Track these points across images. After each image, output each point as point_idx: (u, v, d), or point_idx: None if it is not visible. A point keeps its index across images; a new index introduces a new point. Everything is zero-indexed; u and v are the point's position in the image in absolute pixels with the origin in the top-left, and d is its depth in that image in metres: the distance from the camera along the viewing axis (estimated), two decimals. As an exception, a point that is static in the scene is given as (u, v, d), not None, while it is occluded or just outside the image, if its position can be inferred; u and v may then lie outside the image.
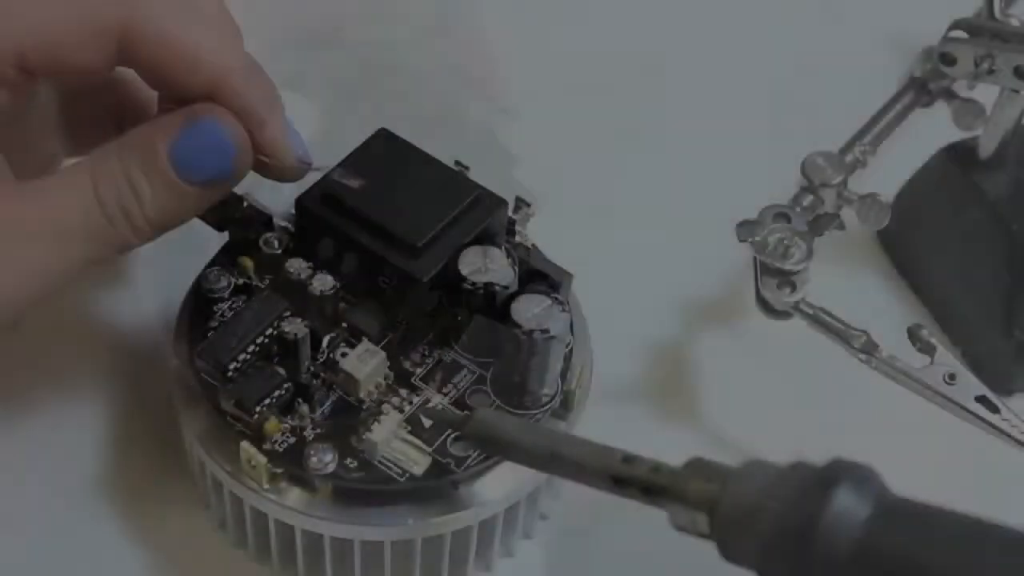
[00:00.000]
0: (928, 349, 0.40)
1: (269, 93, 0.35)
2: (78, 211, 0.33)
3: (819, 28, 0.56)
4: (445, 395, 0.38)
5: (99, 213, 0.33)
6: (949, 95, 0.46)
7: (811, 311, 0.41)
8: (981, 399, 0.39)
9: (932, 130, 0.47)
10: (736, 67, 0.54)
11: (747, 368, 0.45)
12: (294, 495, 0.36)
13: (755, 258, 0.42)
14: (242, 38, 0.34)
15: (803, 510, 0.25)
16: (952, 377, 0.40)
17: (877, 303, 0.48)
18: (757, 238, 0.41)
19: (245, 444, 0.36)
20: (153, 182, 0.34)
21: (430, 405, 0.37)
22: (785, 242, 0.41)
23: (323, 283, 0.37)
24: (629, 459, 0.30)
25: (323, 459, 0.36)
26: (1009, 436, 0.39)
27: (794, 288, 0.41)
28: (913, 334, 0.41)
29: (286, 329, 0.36)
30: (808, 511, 0.25)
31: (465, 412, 0.37)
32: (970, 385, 0.39)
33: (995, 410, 0.39)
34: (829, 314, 0.41)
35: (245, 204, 0.39)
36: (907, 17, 0.55)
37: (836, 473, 0.26)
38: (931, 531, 0.24)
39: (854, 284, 0.48)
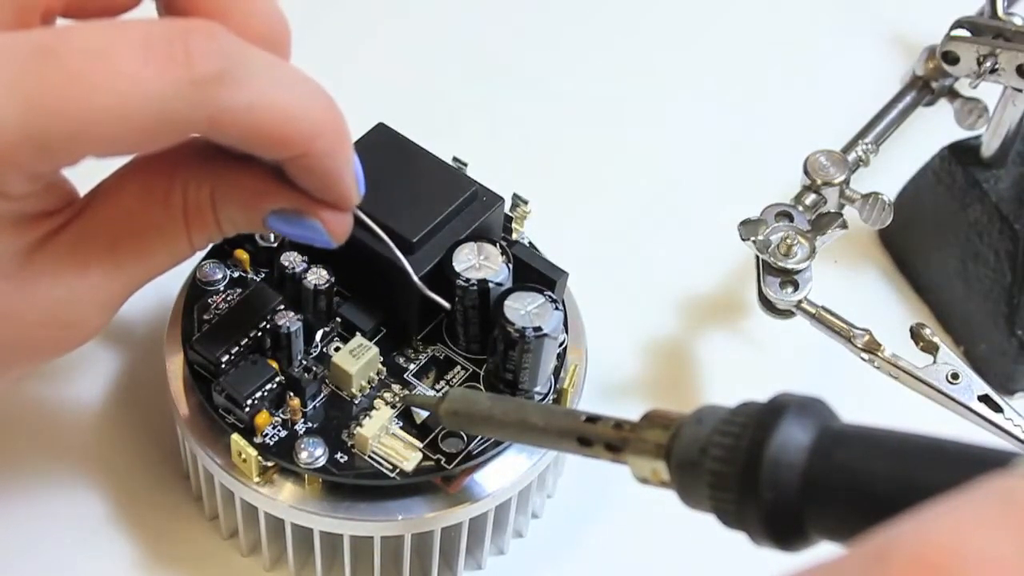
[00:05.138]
0: (930, 348, 0.40)
1: (346, 143, 0.32)
2: (172, 247, 0.32)
3: (822, 26, 0.56)
4: (438, 392, 0.38)
5: (186, 241, 0.32)
6: (952, 94, 0.46)
7: (813, 310, 0.41)
8: (984, 398, 0.39)
9: (934, 129, 0.47)
10: (739, 64, 0.54)
11: (748, 367, 0.45)
12: (284, 488, 0.36)
13: (757, 257, 0.41)
14: (319, 89, 0.31)
15: (748, 442, 0.25)
16: (955, 376, 0.39)
17: (879, 302, 0.48)
18: (759, 237, 0.41)
19: (236, 437, 0.36)
20: (245, 223, 0.33)
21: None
22: (787, 241, 0.41)
23: (318, 277, 0.37)
24: (592, 419, 0.31)
25: (313, 453, 0.36)
26: (1012, 435, 0.39)
27: (796, 287, 0.41)
28: (915, 333, 0.40)
29: (279, 322, 0.36)
30: (752, 443, 0.25)
31: (439, 394, 0.37)
32: (973, 384, 0.39)
33: (998, 409, 0.39)
34: (831, 313, 0.41)
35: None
36: (910, 16, 0.55)
37: (781, 405, 0.26)
38: (873, 449, 0.24)
39: (856, 283, 0.48)
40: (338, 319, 0.38)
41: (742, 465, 0.26)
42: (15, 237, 0.30)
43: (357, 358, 0.37)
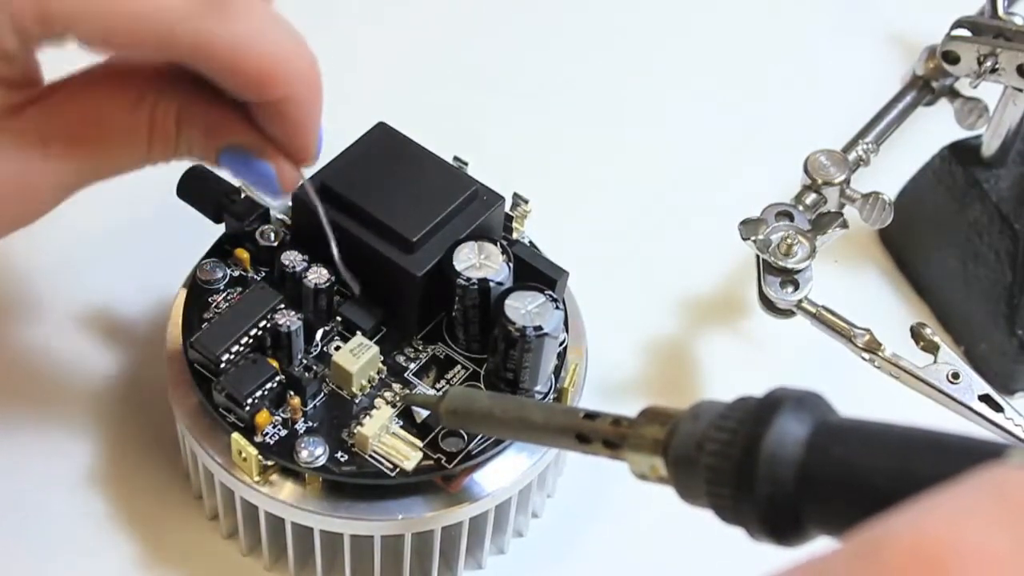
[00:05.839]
0: (931, 348, 0.40)
1: (319, 98, 0.33)
2: (131, 150, 0.33)
3: (822, 26, 0.56)
4: (438, 391, 0.38)
5: (145, 148, 0.33)
6: (952, 94, 0.46)
7: (814, 310, 0.41)
8: (984, 398, 0.39)
9: (935, 129, 0.47)
10: (739, 64, 0.54)
11: (749, 367, 0.45)
12: (285, 488, 0.36)
13: (758, 256, 0.41)
14: (303, 40, 0.32)
15: (744, 438, 0.25)
16: (955, 376, 0.39)
17: (879, 302, 0.48)
18: (760, 236, 0.41)
19: (236, 436, 0.36)
20: (201, 150, 0.33)
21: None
22: (788, 241, 0.41)
23: (318, 276, 0.37)
24: (591, 415, 0.31)
25: (314, 452, 0.36)
26: (1012, 435, 0.39)
27: (797, 287, 0.41)
28: (916, 333, 0.40)
29: (280, 321, 0.37)
30: (748, 438, 0.25)
31: (439, 393, 0.37)
32: (973, 384, 0.39)
33: (998, 409, 0.39)
34: (832, 313, 0.41)
35: (242, 196, 0.39)
36: (910, 16, 0.55)
37: (777, 400, 0.26)
38: (869, 442, 0.24)
39: (857, 283, 0.48)
40: (338, 318, 0.38)
41: (738, 460, 0.25)
42: None
43: (358, 357, 0.37)
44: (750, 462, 0.25)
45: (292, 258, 0.38)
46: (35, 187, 0.32)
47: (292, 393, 0.36)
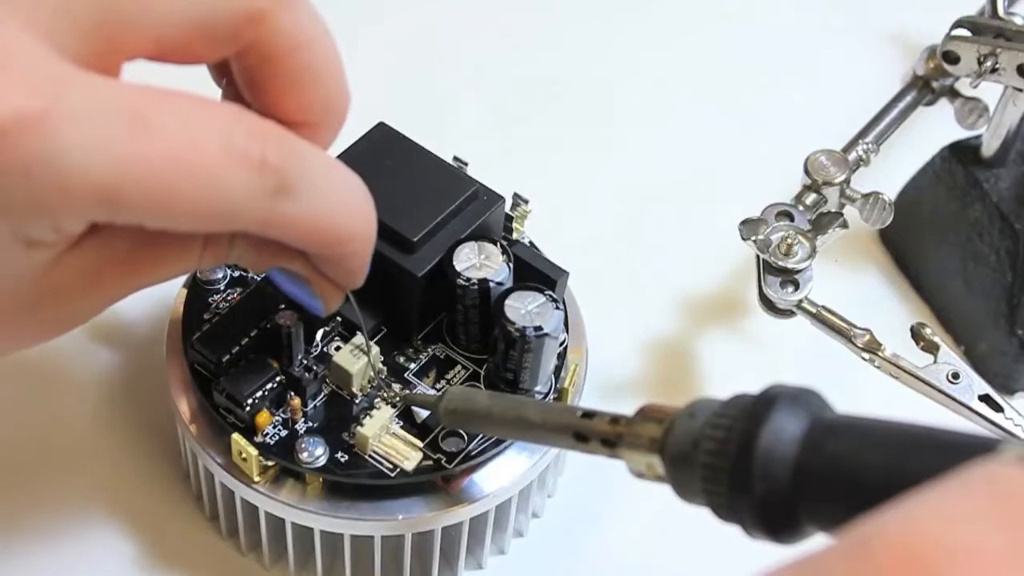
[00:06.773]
0: (931, 348, 0.40)
1: (372, 244, 0.33)
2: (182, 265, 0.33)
3: (822, 25, 0.56)
4: (438, 391, 0.38)
5: (197, 260, 0.33)
6: (952, 94, 0.46)
7: (814, 310, 0.41)
8: (984, 398, 0.39)
9: (935, 129, 0.47)
10: (739, 64, 0.54)
11: (749, 367, 0.45)
12: (285, 488, 0.36)
13: (758, 256, 0.41)
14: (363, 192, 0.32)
15: (739, 435, 0.25)
16: (955, 376, 0.39)
17: (880, 302, 0.48)
18: (760, 236, 0.41)
19: (236, 436, 0.36)
20: (251, 266, 0.34)
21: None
22: (788, 241, 0.41)
23: (318, 277, 0.37)
24: (588, 414, 0.31)
25: (314, 453, 0.36)
26: (1012, 435, 0.39)
27: (797, 287, 0.41)
28: (916, 333, 0.40)
29: (280, 322, 0.36)
30: (744, 435, 0.25)
31: (439, 393, 0.37)
32: (973, 384, 0.39)
33: (998, 409, 0.39)
34: (832, 313, 0.41)
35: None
36: (910, 15, 0.55)
37: (772, 397, 0.26)
38: (863, 438, 0.24)
39: (857, 283, 0.48)
40: (339, 318, 0.38)
41: (734, 458, 0.25)
42: (44, 250, 0.30)
43: (358, 357, 0.37)
44: (746, 459, 0.25)
45: (292, 258, 0.38)
46: (83, 313, 0.32)
47: (292, 393, 0.36)
